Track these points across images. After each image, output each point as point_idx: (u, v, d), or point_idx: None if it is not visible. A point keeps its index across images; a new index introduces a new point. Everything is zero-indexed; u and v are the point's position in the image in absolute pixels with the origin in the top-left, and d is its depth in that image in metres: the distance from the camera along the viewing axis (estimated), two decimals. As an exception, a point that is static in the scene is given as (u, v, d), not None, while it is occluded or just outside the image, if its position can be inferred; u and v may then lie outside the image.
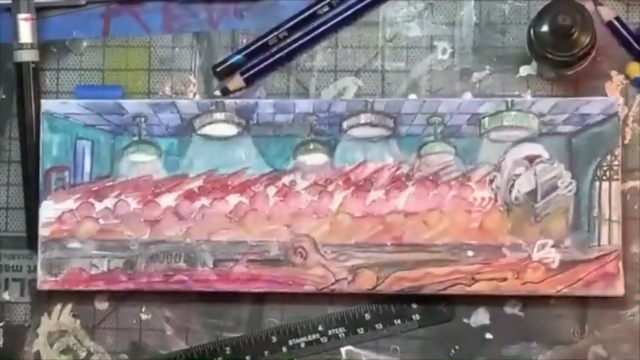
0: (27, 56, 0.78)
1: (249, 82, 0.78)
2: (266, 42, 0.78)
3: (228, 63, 0.78)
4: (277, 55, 0.78)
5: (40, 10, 0.79)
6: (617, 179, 0.75)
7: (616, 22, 0.77)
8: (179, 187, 0.77)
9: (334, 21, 0.78)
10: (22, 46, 0.78)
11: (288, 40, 0.78)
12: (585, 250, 0.74)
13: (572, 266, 0.74)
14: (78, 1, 0.80)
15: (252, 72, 0.78)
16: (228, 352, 0.77)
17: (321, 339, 0.77)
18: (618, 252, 0.74)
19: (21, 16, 0.77)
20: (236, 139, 0.77)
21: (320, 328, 0.77)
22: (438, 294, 0.75)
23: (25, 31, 0.78)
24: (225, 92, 0.79)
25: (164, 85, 0.79)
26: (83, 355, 0.79)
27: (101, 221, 0.77)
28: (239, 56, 0.78)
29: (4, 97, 0.80)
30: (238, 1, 0.79)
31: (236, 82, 0.78)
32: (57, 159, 0.77)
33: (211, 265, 0.76)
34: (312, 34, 0.78)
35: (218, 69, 0.79)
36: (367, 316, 0.76)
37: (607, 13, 0.77)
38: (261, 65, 0.78)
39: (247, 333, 0.77)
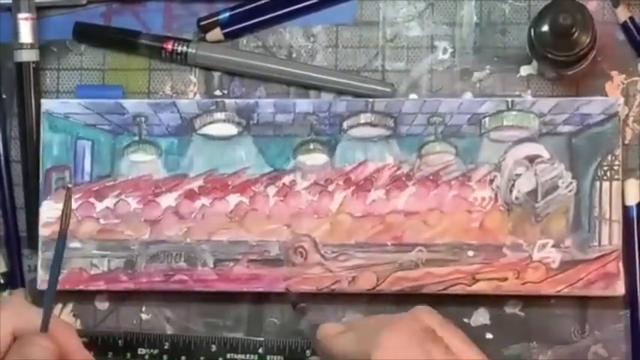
0: (27, 56, 0.78)
1: (228, 37, 0.78)
2: (253, 4, 0.79)
3: (213, 19, 0.79)
4: (259, 17, 0.79)
5: (40, 9, 0.79)
6: (617, 179, 0.75)
7: (630, 23, 0.76)
8: (179, 186, 0.77)
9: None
10: (22, 46, 0.78)
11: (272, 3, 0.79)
12: (586, 250, 0.74)
13: (573, 266, 0.74)
14: (79, 1, 0.80)
15: (232, 28, 0.78)
16: (166, 347, 0.77)
17: (257, 361, 0.77)
18: (619, 252, 0.74)
19: (21, 15, 0.77)
20: (236, 139, 0.77)
21: (260, 350, 0.76)
22: (438, 294, 0.75)
23: (26, 31, 0.77)
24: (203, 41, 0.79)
25: (164, 84, 0.79)
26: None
27: (101, 221, 0.77)
28: (226, 14, 0.78)
29: (4, 96, 0.79)
30: (239, 1, 0.79)
31: (215, 34, 0.78)
32: (57, 159, 0.77)
33: (212, 265, 0.76)
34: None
35: (202, 22, 0.79)
36: (308, 353, 0.76)
37: (622, 13, 0.76)
38: (243, 24, 0.78)
39: (190, 334, 0.77)
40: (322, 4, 0.78)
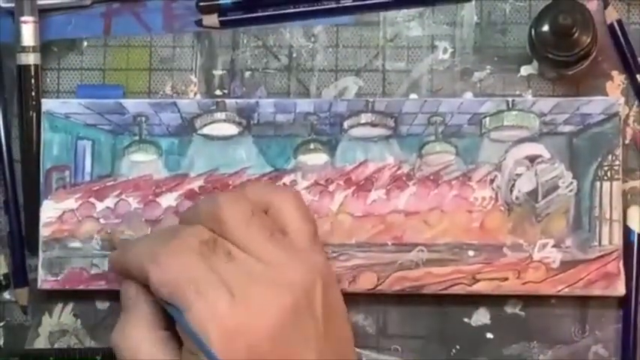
0: (29, 59, 0.78)
1: (224, 25, 0.79)
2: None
3: (215, 2, 0.79)
4: (257, 12, 0.79)
5: (41, 10, 0.79)
6: (618, 179, 0.75)
7: (616, 25, 0.76)
8: (180, 186, 0.77)
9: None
10: (24, 49, 0.78)
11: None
12: (586, 250, 0.74)
13: (573, 266, 0.74)
14: (83, 2, 0.79)
15: (228, 17, 0.79)
16: None
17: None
18: (619, 252, 0.74)
19: (23, 19, 0.77)
20: (237, 139, 0.77)
21: None
22: (438, 293, 0.75)
23: (28, 34, 0.77)
24: (199, 25, 0.79)
25: (165, 84, 0.79)
26: (84, 354, 0.79)
27: (102, 221, 0.77)
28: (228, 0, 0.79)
29: (5, 96, 0.79)
30: (239, 0, 0.79)
31: (211, 19, 0.79)
32: (57, 158, 0.77)
33: (212, 265, 0.76)
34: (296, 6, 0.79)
35: (201, 3, 0.79)
36: None
37: (611, 14, 0.76)
38: (239, 15, 0.79)
39: None
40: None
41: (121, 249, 0.72)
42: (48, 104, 0.78)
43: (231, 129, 0.77)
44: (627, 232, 0.75)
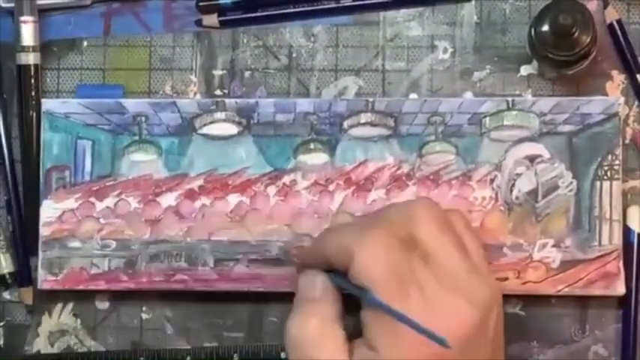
0: (29, 59, 0.78)
1: (223, 24, 0.79)
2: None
3: (214, 2, 0.79)
4: (257, 12, 0.79)
5: (41, 10, 0.79)
6: (617, 179, 0.75)
7: (616, 25, 0.76)
8: (180, 186, 0.77)
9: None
10: (23, 49, 0.78)
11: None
12: (586, 249, 0.74)
13: (573, 266, 0.74)
14: (83, 2, 0.79)
15: (228, 17, 0.79)
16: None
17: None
18: (619, 251, 0.74)
19: (23, 19, 0.77)
20: (236, 139, 0.77)
21: (235, 357, 0.77)
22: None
23: (28, 34, 0.77)
24: (199, 25, 0.79)
25: (165, 84, 0.79)
26: (84, 354, 0.79)
27: (102, 220, 0.77)
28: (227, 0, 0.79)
29: (5, 96, 0.79)
30: (239, 0, 0.79)
31: (211, 19, 0.79)
32: (57, 158, 0.77)
33: (212, 265, 0.76)
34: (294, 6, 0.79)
35: (201, 3, 0.79)
36: None
37: (611, 14, 0.76)
38: (239, 15, 0.79)
39: (166, 347, 0.78)
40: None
41: (321, 236, 0.69)
42: (48, 104, 0.78)
43: (231, 129, 0.77)
44: (627, 231, 0.75)
